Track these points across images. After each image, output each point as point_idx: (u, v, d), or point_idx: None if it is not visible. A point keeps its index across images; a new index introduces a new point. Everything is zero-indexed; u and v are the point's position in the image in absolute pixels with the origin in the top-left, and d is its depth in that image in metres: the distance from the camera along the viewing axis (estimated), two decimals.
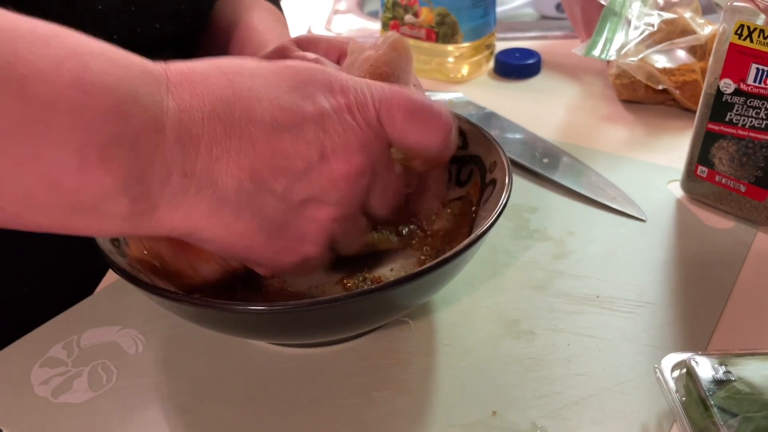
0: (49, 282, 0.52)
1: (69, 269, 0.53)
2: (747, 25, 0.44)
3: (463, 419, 0.35)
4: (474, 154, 0.44)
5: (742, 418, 0.31)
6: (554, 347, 0.39)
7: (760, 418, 0.31)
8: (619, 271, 0.45)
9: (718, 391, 0.32)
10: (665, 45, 0.60)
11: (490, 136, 0.43)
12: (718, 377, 0.33)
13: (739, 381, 0.33)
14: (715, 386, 0.32)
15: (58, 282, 0.53)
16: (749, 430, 0.30)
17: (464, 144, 0.45)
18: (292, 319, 0.33)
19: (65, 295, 0.52)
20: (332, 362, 0.39)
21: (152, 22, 0.52)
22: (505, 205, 0.37)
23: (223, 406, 0.37)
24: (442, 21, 0.67)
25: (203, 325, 0.37)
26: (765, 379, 0.33)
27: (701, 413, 0.32)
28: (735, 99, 0.46)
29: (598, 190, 0.53)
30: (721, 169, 0.49)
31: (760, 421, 0.31)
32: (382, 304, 0.35)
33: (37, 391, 0.38)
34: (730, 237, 0.48)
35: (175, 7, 0.54)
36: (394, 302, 0.35)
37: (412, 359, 0.39)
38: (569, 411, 0.36)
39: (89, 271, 0.52)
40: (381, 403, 0.37)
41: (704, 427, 0.31)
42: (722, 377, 0.33)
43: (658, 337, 0.40)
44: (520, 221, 0.50)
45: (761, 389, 0.32)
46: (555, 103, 0.66)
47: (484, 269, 0.45)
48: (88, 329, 0.42)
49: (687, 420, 0.32)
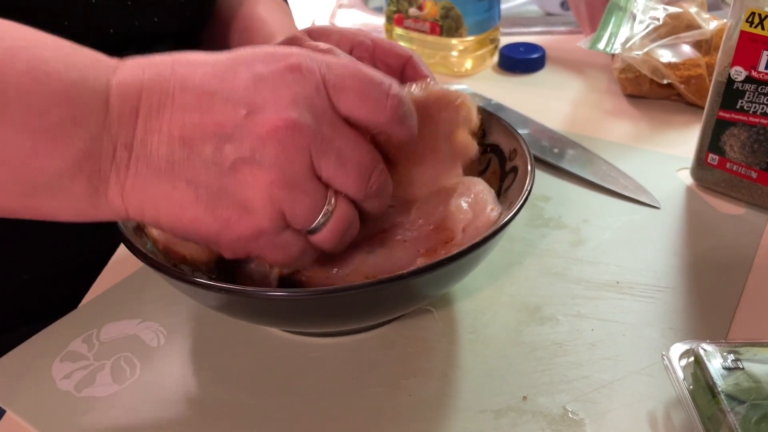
0: (52, 270, 0.52)
1: (72, 258, 0.53)
2: (758, 13, 0.45)
3: (494, 405, 0.35)
4: (493, 143, 0.44)
5: (749, 405, 0.31)
6: (578, 332, 0.39)
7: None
8: (636, 257, 0.45)
9: (725, 379, 0.32)
10: (670, 39, 0.61)
11: (507, 124, 0.43)
12: (726, 365, 0.33)
13: (746, 369, 0.33)
14: (722, 374, 0.33)
15: (61, 271, 0.52)
16: (756, 417, 0.31)
17: (482, 133, 0.45)
18: (316, 306, 0.33)
19: (68, 284, 0.52)
20: (358, 351, 0.39)
21: (151, 15, 0.51)
22: (530, 192, 0.37)
23: (250, 396, 0.37)
24: (446, 14, 0.68)
25: (228, 313, 0.36)
26: None
27: (709, 401, 0.32)
28: (746, 86, 0.47)
29: (609, 178, 0.53)
30: (732, 156, 0.49)
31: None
32: (406, 292, 0.35)
33: (59, 386, 0.37)
34: (742, 223, 0.48)
35: (175, 1, 0.53)
36: (419, 290, 0.35)
37: (438, 347, 0.39)
38: (599, 394, 0.36)
39: (91, 261, 0.52)
40: (409, 390, 0.36)
41: (712, 414, 0.32)
42: (730, 365, 0.33)
43: (679, 320, 0.40)
44: (534, 210, 0.50)
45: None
46: (559, 98, 0.66)
47: (502, 258, 0.45)
48: (107, 323, 0.41)
49: (694, 407, 0.32)
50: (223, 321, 0.41)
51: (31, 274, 0.51)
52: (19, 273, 0.51)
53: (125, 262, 0.46)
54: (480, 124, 0.44)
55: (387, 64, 0.48)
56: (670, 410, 0.35)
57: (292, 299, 0.31)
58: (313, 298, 0.32)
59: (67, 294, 0.51)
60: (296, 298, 0.31)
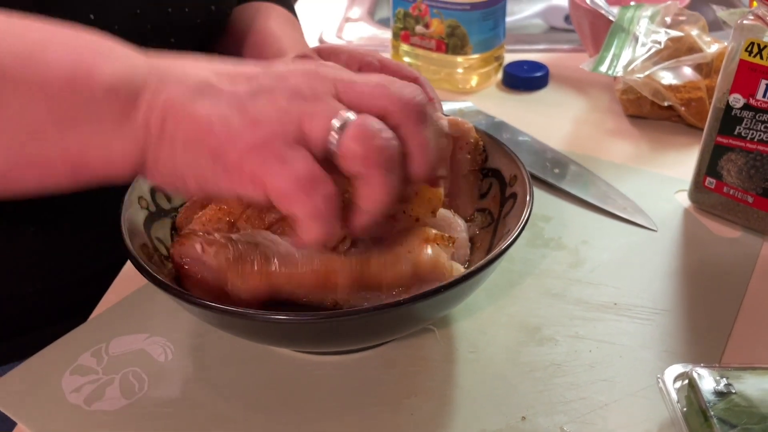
0: (58, 281, 0.53)
1: (77, 270, 0.54)
2: (757, 43, 0.46)
3: (493, 424, 0.36)
4: (494, 167, 0.45)
5: (740, 430, 0.32)
6: (577, 353, 0.40)
7: (759, 430, 0.32)
8: (634, 279, 0.46)
9: (718, 403, 0.33)
10: (672, 62, 0.62)
11: (509, 150, 0.44)
12: (719, 389, 0.34)
13: (738, 393, 0.34)
14: (715, 398, 0.34)
15: (68, 281, 0.53)
16: None
17: (485, 157, 0.46)
18: (316, 329, 0.34)
19: (75, 294, 0.53)
20: (360, 369, 0.40)
21: (167, 37, 0.53)
22: (527, 221, 0.38)
23: (255, 413, 0.38)
24: (452, 32, 0.69)
25: (232, 332, 0.37)
26: (764, 393, 0.34)
27: (701, 424, 0.33)
28: (744, 113, 0.48)
29: (608, 199, 0.54)
30: (729, 181, 0.50)
31: None
32: (407, 316, 0.36)
33: (69, 399, 0.38)
34: (738, 246, 0.49)
35: (191, 23, 0.54)
36: (419, 314, 0.36)
37: (439, 366, 0.40)
38: (595, 416, 0.37)
39: (97, 272, 0.53)
40: (410, 409, 0.37)
41: None
42: (723, 389, 0.34)
43: (674, 343, 0.41)
44: (535, 230, 0.51)
45: (760, 402, 0.33)
46: (562, 116, 0.68)
47: (503, 278, 0.46)
48: (116, 337, 0.42)
49: (687, 429, 0.33)
50: (229, 337, 0.42)
51: (36, 284, 0.52)
52: (25, 283, 0.52)
53: (134, 277, 0.47)
54: (482, 149, 0.45)
55: None
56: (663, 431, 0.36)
57: (293, 323, 0.32)
58: (313, 321, 0.33)
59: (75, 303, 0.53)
60: (297, 322, 0.32)
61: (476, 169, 0.45)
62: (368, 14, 0.94)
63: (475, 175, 0.45)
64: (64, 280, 0.53)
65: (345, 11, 0.95)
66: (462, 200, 0.44)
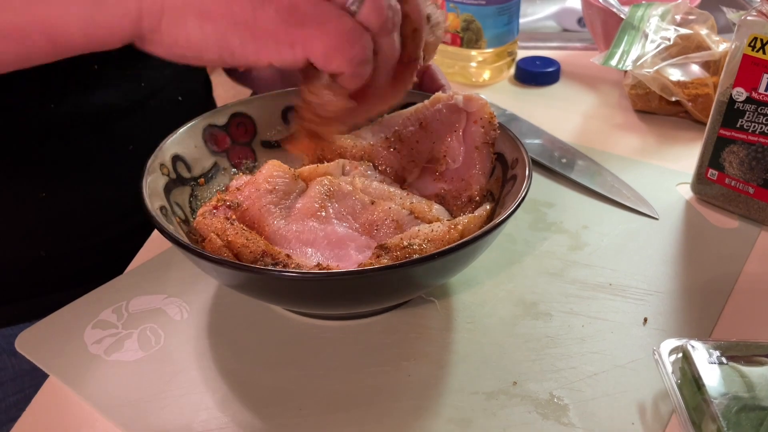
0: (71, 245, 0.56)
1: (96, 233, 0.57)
2: (760, 38, 0.47)
3: (487, 387, 0.38)
4: (498, 151, 0.47)
5: (731, 397, 0.34)
6: (570, 328, 0.42)
7: (748, 397, 0.34)
8: (631, 262, 0.48)
9: (710, 373, 0.35)
10: (680, 59, 0.64)
11: (513, 136, 0.46)
12: (711, 360, 0.36)
13: (729, 365, 0.35)
14: (708, 369, 0.35)
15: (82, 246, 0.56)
16: (737, 407, 0.33)
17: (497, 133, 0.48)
18: (321, 287, 0.36)
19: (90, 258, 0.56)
20: (363, 334, 0.42)
21: None
22: (524, 198, 0.40)
23: (263, 369, 0.40)
24: (467, 27, 0.71)
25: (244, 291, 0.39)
26: (752, 363, 0.36)
27: (694, 392, 0.35)
28: (746, 106, 0.50)
29: (613, 189, 0.56)
30: (731, 173, 0.52)
31: (748, 400, 0.34)
32: (405, 279, 0.37)
33: (90, 350, 0.41)
34: (735, 235, 0.50)
35: None
36: (416, 279, 0.38)
37: (438, 334, 0.42)
38: (584, 384, 0.38)
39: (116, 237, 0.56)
40: (409, 371, 0.40)
41: (696, 405, 0.34)
42: (715, 361, 0.36)
43: (666, 322, 0.43)
44: (538, 214, 0.53)
45: (749, 372, 0.35)
46: (572, 110, 0.69)
47: (504, 257, 0.48)
48: (135, 297, 0.45)
49: (681, 397, 0.35)
50: (241, 301, 0.44)
51: (55, 247, 0.55)
52: (43, 246, 0.55)
53: (154, 244, 0.50)
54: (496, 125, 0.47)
55: None
56: (658, 401, 0.38)
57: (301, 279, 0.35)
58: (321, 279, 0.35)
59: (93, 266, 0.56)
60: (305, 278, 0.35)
61: (489, 142, 0.47)
62: None
63: (488, 148, 0.47)
64: (79, 245, 0.56)
65: None
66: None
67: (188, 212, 0.44)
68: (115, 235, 0.58)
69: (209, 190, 0.47)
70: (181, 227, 0.41)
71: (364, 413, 0.37)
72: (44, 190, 0.53)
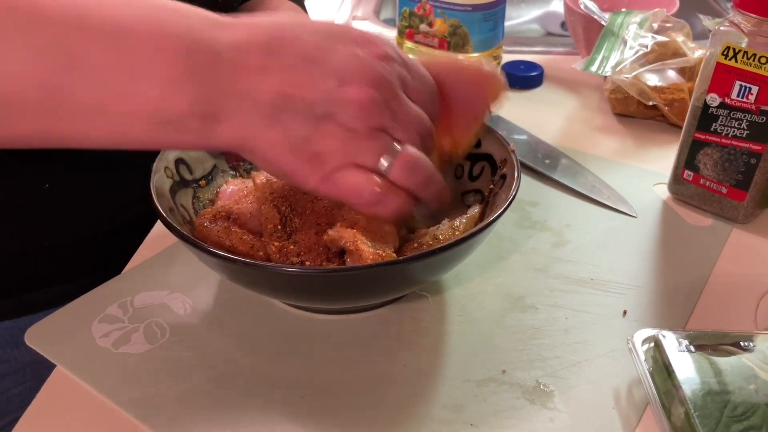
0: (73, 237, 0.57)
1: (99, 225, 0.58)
2: (732, 47, 0.50)
3: (477, 375, 0.41)
4: (486, 152, 0.50)
5: (698, 382, 0.37)
6: (554, 320, 0.45)
7: (714, 383, 0.37)
8: (612, 259, 0.51)
9: (679, 361, 0.38)
10: (657, 65, 0.67)
11: (501, 137, 0.49)
12: (681, 349, 0.39)
13: (697, 353, 0.38)
14: (677, 356, 0.38)
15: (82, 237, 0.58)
16: (703, 392, 0.36)
17: (477, 143, 0.50)
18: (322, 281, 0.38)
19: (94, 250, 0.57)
20: (361, 327, 0.44)
21: None
22: (514, 197, 0.43)
23: (265, 360, 0.42)
24: (454, 32, 0.73)
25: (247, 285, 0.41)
26: (719, 351, 0.39)
27: (665, 378, 0.38)
28: (720, 111, 0.53)
29: (594, 189, 0.58)
30: (706, 173, 0.55)
31: (713, 385, 0.36)
32: (400, 275, 0.40)
33: (99, 343, 0.43)
34: (709, 233, 0.54)
35: None
36: (412, 275, 0.40)
37: (431, 327, 0.45)
38: (568, 372, 0.41)
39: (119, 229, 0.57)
40: (404, 360, 0.42)
41: (667, 390, 0.37)
42: (684, 349, 0.39)
43: (644, 314, 0.45)
44: (523, 213, 0.56)
45: (716, 360, 0.38)
46: (554, 113, 0.72)
47: (492, 253, 0.51)
48: (140, 292, 0.47)
49: (652, 383, 0.38)
50: (243, 297, 0.46)
51: (62, 238, 0.56)
52: (50, 237, 0.56)
53: (156, 240, 0.52)
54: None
55: None
56: (632, 387, 0.40)
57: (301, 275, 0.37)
58: (319, 275, 0.37)
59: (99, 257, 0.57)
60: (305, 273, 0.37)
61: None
62: (374, 13, 0.99)
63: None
64: (80, 237, 0.57)
65: (351, 10, 1.00)
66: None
67: (192, 214, 0.46)
68: (116, 227, 0.59)
69: (210, 192, 0.49)
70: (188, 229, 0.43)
71: (363, 400, 0.39)
72: (46, 182, 0.54)
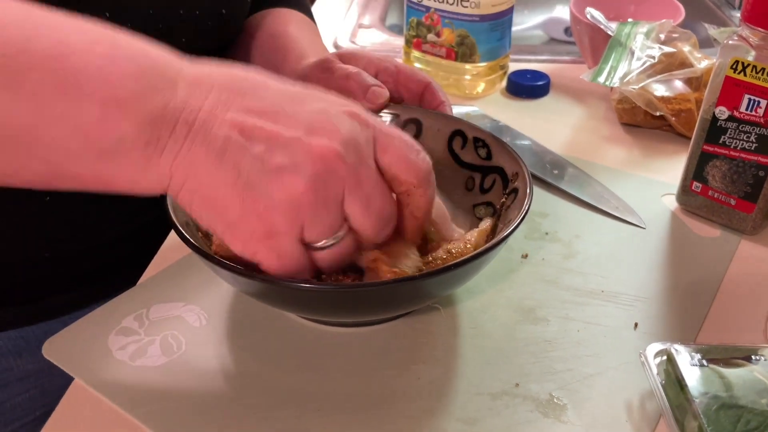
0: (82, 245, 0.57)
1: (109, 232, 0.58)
2: (741, 61, 0.51)
3: (491, 389, 0.41)
4: (497, 165, 0.50)
5: (711, 396, 0.37)
6: (566, 332, 0.45)
7: (726, 397, 0.37)
8: (620, 270, 0.51)
9: (692, 374, 0.38)
10: (664, 76, 0.67)
11: (512, 150, 0.49)
12: (693, 363, 0.39)
13: (710, 367, 0.39)
14: (689, 370, 0.39)
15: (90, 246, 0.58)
16: (716, 405, 0.37)
17: (488, 155, 0.51)
18: (337, 298, 0.39)
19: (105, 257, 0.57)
20: (374, 340, 0.45)
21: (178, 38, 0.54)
22: (527, 212, 0.43)
23: (280, 373, 0.42)
24: (461, 42, 0.74)
25: (262, 299, 0.42)
26: (731, 365, 0.39)
27: (677, 392, 0.38)
28: (728, 124, 0.53)
29: (602, 199, 0.59)
30: (714, 185, 0.55)
31: (726, 399, 0.37)
32: (415, 291, 0.40)
33: (116, 356, 0.43)
34: (717, 244, 0.54)
35: (203, 25, 0.57)
36: (427, 290, 0.41)
37: (443, 339, 0.45)
38: (581, 384, 0.42)
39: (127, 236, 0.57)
40: (417, 374, 0.42)
41: (679, 403, 0.38)
42: (696, 363, 0.39)
43: (655, 326, 0.46)
44: (533, 224, 0.56)
45: (728, 373, 0.39)
46: (561, 123, 0.73)
47: (502, 266, 0.51)
48: (155, 304, 0.47)
49: (665, 397, 0.38)
50: (257, 309, 0.47)
51: (75, 246, 0.56)
52: (42, 249, 0.56)
53: (170, 252, 0.52)
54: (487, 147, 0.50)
55: (408, 89, 0.54)
56: (644, 400, 0.41)
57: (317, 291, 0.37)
58: (335, 291, 0.38)
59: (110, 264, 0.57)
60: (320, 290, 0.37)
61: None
62: (380, 21, 1.00)
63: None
64: (84, 247, 0.57)
65: (358, 18, 1.00)
66: None
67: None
68: (120, 236, 0.59)
69: None
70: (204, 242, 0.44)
71: (378, 413, 0.40)
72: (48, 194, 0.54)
